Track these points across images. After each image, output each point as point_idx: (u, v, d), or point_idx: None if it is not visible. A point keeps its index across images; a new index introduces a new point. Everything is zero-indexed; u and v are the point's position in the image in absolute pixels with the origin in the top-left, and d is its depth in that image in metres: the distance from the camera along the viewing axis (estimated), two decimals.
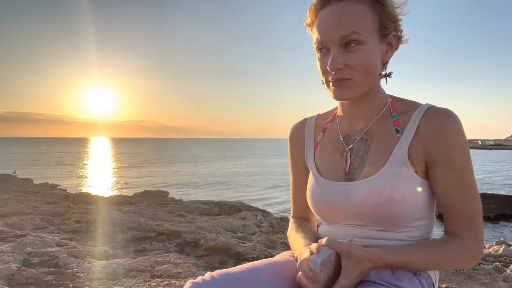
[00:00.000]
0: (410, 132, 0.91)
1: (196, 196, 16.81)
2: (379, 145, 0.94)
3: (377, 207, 0.89)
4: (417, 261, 0.86)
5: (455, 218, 0.90)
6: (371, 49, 0.88)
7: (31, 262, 2.86)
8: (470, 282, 3.01)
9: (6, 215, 5.11)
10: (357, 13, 0.86)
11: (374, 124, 0.97)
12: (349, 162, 0.97)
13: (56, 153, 70.98)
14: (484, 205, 9.89)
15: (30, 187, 10.65)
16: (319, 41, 0.90)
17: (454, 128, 0.88)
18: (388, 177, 0.89)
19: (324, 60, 0.91)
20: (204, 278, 0.85)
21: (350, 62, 0.87)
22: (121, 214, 5.70)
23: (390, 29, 0.90)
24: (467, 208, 0.89)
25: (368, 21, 0.87)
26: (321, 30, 0.89)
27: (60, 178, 24.88)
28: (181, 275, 2.74)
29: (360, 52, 0.86)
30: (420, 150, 0.90)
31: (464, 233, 0.89)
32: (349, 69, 0.87)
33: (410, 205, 0.89)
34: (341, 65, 0.87)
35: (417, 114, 0.92)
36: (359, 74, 0.88)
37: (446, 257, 0.88)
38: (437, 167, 0.89)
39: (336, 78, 0.89)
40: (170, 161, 52.23)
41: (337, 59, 0.87)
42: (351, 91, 0.90)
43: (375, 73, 0.91)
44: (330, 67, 0.87)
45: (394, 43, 0.93)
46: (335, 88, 0.90)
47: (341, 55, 0.87)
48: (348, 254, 0.81)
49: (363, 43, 0.86)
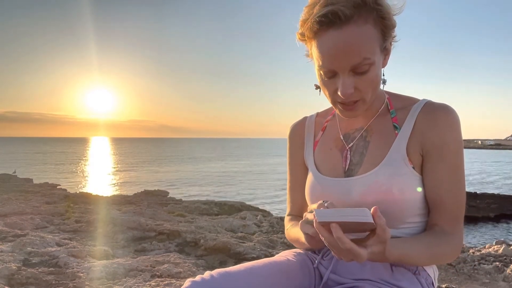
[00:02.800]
0: (408, 128, 0.92)
1: (196, 196, 16.81)
2: (377, 141, 0.95)
3: (376, 203, 0.88)
4: (415, 257, 0.86)
5: (442, 211, 0.90)
6: (378, 66, 0.86)
7: (31, 262, 2.86)
8: (470, 282, 3.01)
9: (6, 215, 5.11)
10: (365, 38, 0.81)
11: (373, 121, 0.98)
12: (349, 160, 0.97)
13: (56, 153, 71.00)
14: (484, 205, 10.00)
15: (30, 187, 10.64)
16: (326, 67, 0.85)
17: (451, 122, 0.89)
18: (387, 173, 0.89)
19: (330, 82, 0.87)
20: (203, 277, 0.85)
21: (360, 85, 0.85)
22: (121, 214, 5.71)
23: (390, 38, 0.89)
24: (456, 202, 0.90)
25: (375, 41, 0.84)
26: (328, 57, 0.83)
27: (60, 178, 24.87)
28: (181, 275, 2.74)
29: (369, 73, 0.85)
30: (417, 145, 0.91)
31: (450, 228, 0.90)
32: (359, 92, 0.86)
33: (408, 200, 0.89)
34: (352, 89, 0.85)
35: (415, 110, 0.93)
36: (367, 93, 0.87)
37: (441, 252, 0.88)
38: (431, 160, 0.90)
39: (347, 102, 0.87)
40: (170, 161, 52.23)
41: (349, 85, 0.84)
42: (360, 110, 0.90)
43: (379, 84, 0.91)
44: (343, 94, 0.85)
45: (389, 48, 0.91)
46: (344, 111, 0.90)
47: (351, 79, 0.84)
48: (383, 229, 0.74)
49: (373, 65, 0.84)
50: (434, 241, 0.88)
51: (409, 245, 0.85)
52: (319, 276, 1.00)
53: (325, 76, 0.87)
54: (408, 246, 0.85)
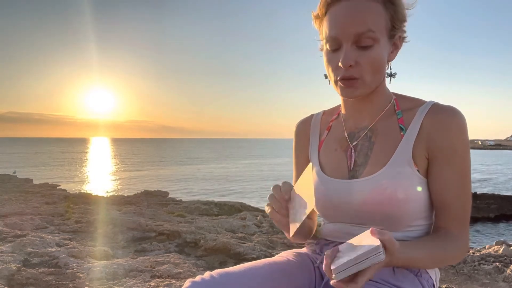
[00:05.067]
0: (414, 130, 0.91)
1: (196, 196, 16.80)
2: (383, 143, 0.94)
3: (380, 205, 0.88)
4: (420, 261, 0.85)
5: (449, 215, 0.90)
6: (382, 48, 0.87)
7: (31, 262, 2.86)
8: (470, 282, 3.00)
9: (6, 215, 5.11)
10: (372, 11, 0.85)
11: (378, 121, 0.97)
12: (353, 159, 0.97)
13: (56, 153, 71.00)
14: (484, 205, 9.99)
15: (30, 187, 10.65)
16: (332, 36, 0.88)
17: (459, 125, 0.88)
18: (391, 176, 0.89)
19: (334, 56, 0.89)
20: (203, 277, 0.85)
21: (361, 60, 0.86)
22: (121, 214, 5.71)
23: (398, 29, 0.90)
24: (462, 206, 0.89)
25: (382, 20, 0.86)
26: (335, 24, 0.87)
27: (60, 178, 24.87)
28: (181, 275, 2.74)
29: (373, 51, 0.86)
30: (423, 148, 0.90)
31: (457, 230, 0.90)
32: (359, 67, 0.87)
33: (412, 204, 0.88)
34: (353, 62, 0.86)
35: (421, 112, 0.92)
36: (367, 73, 0.87)
37: (446, 256, 0.88)
38: (438, 163, 0.89)
39: (346, 76, 0.88)
40: (170, 161, 52.23)
41: (350, 56, 0.86)
42: (360, 90, 0.90)
43: (382, 72, 0.91)
44: (342, 63, 0.86)
45: (398, 44, 0.93)
46: (343, 87, 0.90)
47: (354, 52, 0.86)
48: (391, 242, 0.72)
49: (376, 42, 0.86)
50: (439, 245, 0.88)
51: (413, 250, 0.84)
52: (320, 276, 1.00)
53: (330, 48, 0.89)
54: (413, 251, 0.84)
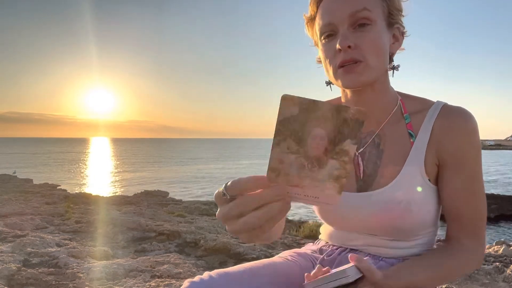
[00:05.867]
0: (424, 137, 0.86)
1: (196, 196, 16.80)
2: (392, 151, 0.89)
3: (392, 220, 0.85)
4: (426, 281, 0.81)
5: (461, 223, 0.86)
6: (380, 31, 0.83)
7: (31, 262, 2.86)
8: (470, 282, 3.00)
9: (6, 215, 5.11)
10: None
11: (386, 126, 0.91)
12: (361, 168, 0.91)
13: (56, 154, 71.00)
14: None
15: (30, 187, 10.65)
16: (326, 23, 0.83)
17: (470, 128, 0.83)
18: (405, 188, 0.84)
19: (330, 44, 0.85)
20: (202, 277, 0.84)
21: (360, 42, 0.81)
22: (121, 214, 5.71)
23: (396, 19, 0.87)
24: (475, 214, 0.85)
25: (378, 1, 0.83)
26: (328, 10, 0.83)
27: (60, 178, 24.87)
28: (181, 275, 2.74)
29: (371, 32, 0.81)
30: (434, 155, 0.85)
31: (469, 240, 0.86)
32: (360, 50, 0.81)
33: (425, 215, 0.86)
34: (352, 43, 0.80)
35: (431, 115, 0.87)
36: (370, 54, 0.81)
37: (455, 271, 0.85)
38: (448, 169, 0.85)
39: (347, 58, 0.81)
40: (170, 161, 52.22)
41: (348, 36, 0.81)
42: (364, 76, 0.82)
43: (385, 56, 0.85)
44: (340, 44, 0.80)
45: (399, 36, 0.90)
46: (346, 74, 0.83)
47: (351, 34, 0.81)
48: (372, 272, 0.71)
49: (373, 23, 0.82)
50: (446, 261, 0.83)
51: (416, 272, 0.80)
52: None
53: (325, 37, 0.85)
54: (415, 273, 0.80)
